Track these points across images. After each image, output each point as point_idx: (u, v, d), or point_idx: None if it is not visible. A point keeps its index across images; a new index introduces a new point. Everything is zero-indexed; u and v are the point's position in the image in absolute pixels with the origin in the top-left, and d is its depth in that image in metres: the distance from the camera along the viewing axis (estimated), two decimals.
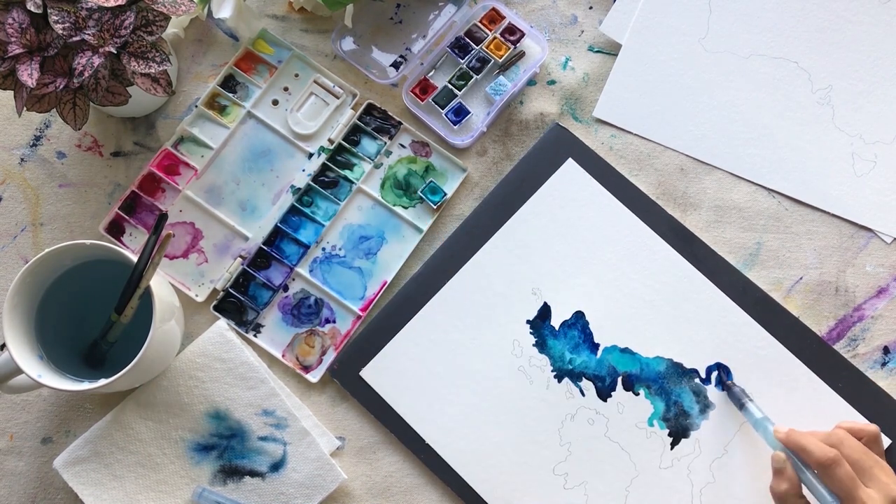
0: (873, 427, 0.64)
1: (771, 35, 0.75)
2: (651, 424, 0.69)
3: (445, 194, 0.74)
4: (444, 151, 0.74)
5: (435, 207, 0.73)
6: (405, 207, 0.74)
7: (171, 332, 0.66)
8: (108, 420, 0.69)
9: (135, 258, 0.63)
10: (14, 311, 0.63)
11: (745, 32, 0.75)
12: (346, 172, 0.74)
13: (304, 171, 0.74)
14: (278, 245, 0.73)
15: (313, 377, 0.71)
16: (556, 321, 0.71)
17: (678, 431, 0.69)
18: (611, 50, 0.76)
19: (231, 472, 0.69)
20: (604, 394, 0.70)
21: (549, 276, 0.72)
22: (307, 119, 0.75)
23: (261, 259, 0.73)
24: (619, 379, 0.70)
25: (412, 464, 0.70)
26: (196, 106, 0.75)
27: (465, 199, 0.74)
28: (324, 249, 0.73)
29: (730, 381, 0.69)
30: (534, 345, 0.71)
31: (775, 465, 0.62)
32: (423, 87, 0.74)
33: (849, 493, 0.58)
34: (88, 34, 0.61)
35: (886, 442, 0.68)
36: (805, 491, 0.62)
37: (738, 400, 0.68)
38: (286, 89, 0.76)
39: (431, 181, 0.74)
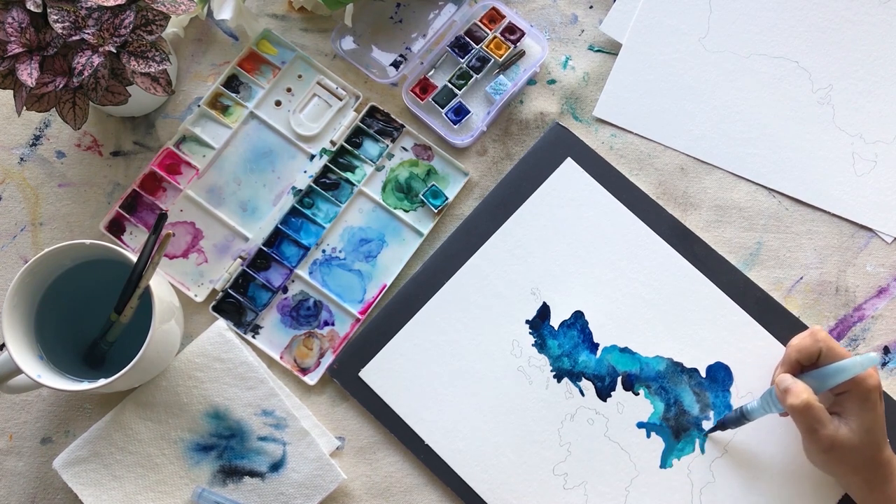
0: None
1: (771, 34, 0.75)
2: (649, 436, 0.69)
3: (447, 198, 0.73)
4: (446, 155, 0.74)
5: (436, 211, 0.73)
6: (406, 211, 0.74)
7: (170, 332, 0.66)
8: (108, 420, 0.69)
9: (134, 258, 0.63)
10: (14, 311, 0.63)
11: (745, 32, 0.75)
12: (348, 175, 0.74)
13: (305, 172, 0.74)
14: (278, 246, 0.73)
15: (311, 380, 0.71)
16: (555, 321, 0.71)
17: (678, 431, 0.69)
18: (611, 49, 0.76)
19: (230, 473, 0.69)
20: (603, 394, 0.70)
21: (549, 275, 0.72)
22: (309, 120, 0.75)
23: (260, 260, 0.73)
24: (619, 379, 0.70)
25: (412, 464, 0.70)
26: (198, 105, 0.75)
27: (465, 199, 0.74)
28: (324, 251, 0.73)
29: (720, 420, 0.67)
30: (533, 345, 0.71)
31: (784, 385, 0.61)
32: (423, 87, 0.74)
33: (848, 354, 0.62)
34: (88, 33, 0.61)
35: None
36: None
37: (739, 418, 0.66)
38: (289, 90, 0.76)
39: (433, 185, 0.74)
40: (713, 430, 0.68)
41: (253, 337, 0.72)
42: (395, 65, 0.76)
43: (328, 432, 0.70)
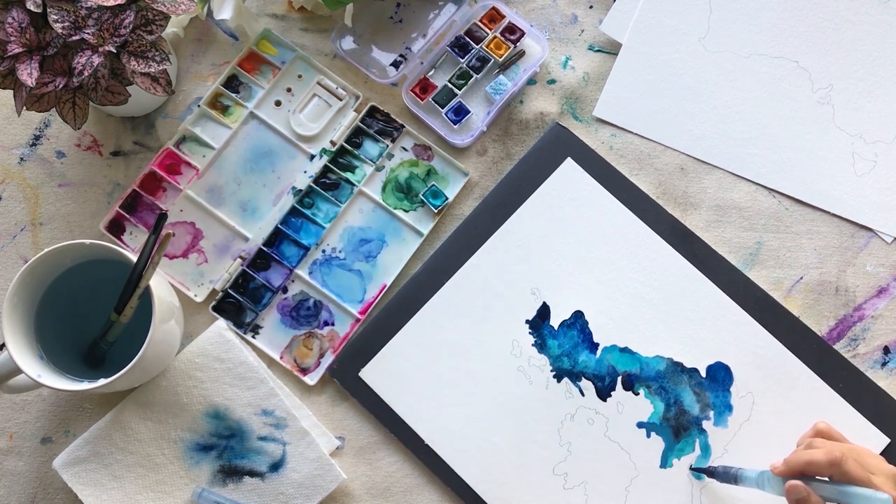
0: (823, 424, 0.65)
1: (771, 34, 0.75)
2: (649, 435, 0.69)
3: (447, 198, 0.73)
4: (446, 155, 0.74)
5: (436, 211, 0.73)
6: (406, 211, 0.74)
7: (170, 332, 0.66)
8: (108, 420, 0.69)
9: (134, 258, 0.63)
10: (14, 311, 0.63)
11: (745, 32, 0.75)
12: (348, 175, 0.74)
13: (305, 172, 0.74)
14: (278, 246, 0.73)
15: (311, 380, 0.71)
16: (555, 321, 0.71)
17: (678, 431, 0.69)
18: (611, 49, 0.76)
19: (230, 473, 0.69)
20: (603, 393, 0.70)
21: (549, 275, 0.72)
22: (309, 120, 0.75)
23: (260, 260, 0.73)
24: (619, 378, 0.70)
25: (412, 464, 0.70)
26: (198, 105, 0.75)
27: (465, 199, 0.74)
28: (324, 251, 0.73)
29: (710, 467, 0.67)
30: (533, 345, 0.71)
31: (797, 496, 0.59)
32: (423, 87, 0.74)
33: (867, 482, 0.58)
34: (88, 33, 0.61)
35: (885, 441, 0.68)
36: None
37: (729, 476, 0.65)
38: (289, 90, 0.76)
39: (433, 185, 0.74)
40: (698, 469, 0.68)
41: (253, 337, 0.72)
42: (395, 65, 0.76)
43: (328, 432, 0.70)
